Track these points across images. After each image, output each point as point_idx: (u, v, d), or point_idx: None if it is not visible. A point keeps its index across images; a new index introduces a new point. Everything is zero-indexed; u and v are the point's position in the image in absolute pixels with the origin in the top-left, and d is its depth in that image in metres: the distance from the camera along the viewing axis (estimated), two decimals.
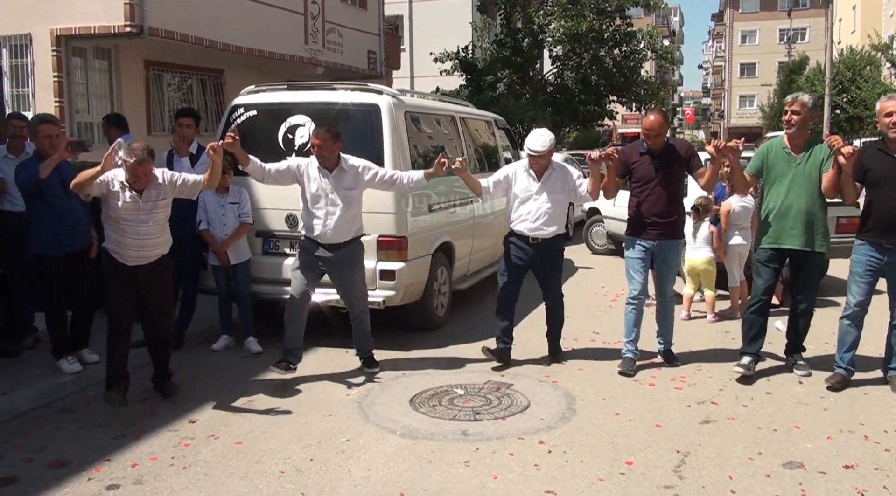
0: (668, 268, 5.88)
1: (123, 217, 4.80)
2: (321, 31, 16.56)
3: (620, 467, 4.07)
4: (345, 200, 5.38)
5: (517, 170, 5.89)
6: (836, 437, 4.51)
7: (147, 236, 4.89)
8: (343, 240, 5.45)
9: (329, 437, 4.47)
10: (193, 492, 3.81)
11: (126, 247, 4.86)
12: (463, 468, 4.06)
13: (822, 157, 5.33)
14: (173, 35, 12.23)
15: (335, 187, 5.37)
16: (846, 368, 5.42)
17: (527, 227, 5.77)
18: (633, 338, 5.81)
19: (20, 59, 12.41)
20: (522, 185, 5.80)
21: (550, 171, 5.79)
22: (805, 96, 5.46)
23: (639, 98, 24.12)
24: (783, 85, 42.46)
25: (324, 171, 5.39)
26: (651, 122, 5.57)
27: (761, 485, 3.88)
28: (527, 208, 5.77)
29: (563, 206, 5.90)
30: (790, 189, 5.36)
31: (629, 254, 5.83)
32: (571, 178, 5.86)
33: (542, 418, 4.78)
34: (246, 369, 5.73)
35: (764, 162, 5.51)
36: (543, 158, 5.72)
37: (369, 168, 5.51)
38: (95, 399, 5.18)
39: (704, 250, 7.50)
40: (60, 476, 4.01)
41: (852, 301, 5.33)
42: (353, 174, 5.44)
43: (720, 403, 5.08)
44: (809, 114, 5.40)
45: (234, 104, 6.73)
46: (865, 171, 5.21)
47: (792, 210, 5.35)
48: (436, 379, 5.57)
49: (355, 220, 5.51)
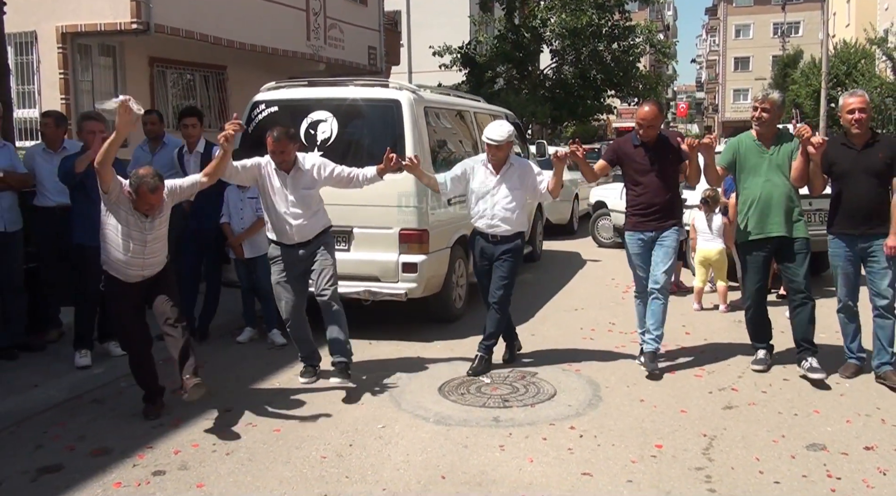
0: (663, 251, 5.68)
1: (129, 238, 4.62)
2: (323, 27, 16.63)
3: (651, 450, 4.20)
4: (303, 201, 5.25)
5: (475, 165, 5.73)
6: (855, 421, 4.64)
7: (152, 255, 4.73)
8: (308, 237, 5.34)
9: (364, 424, 4.59)
10: (240, 477, 3.92)
11: (131, 267, 4.68)
12: (499, 452, 4.18)
13: (792, 147, 5.45)
14: (179, 32, 12.28)
15: (294, 188, 5.23)
16: (857, 356, 5.54)
17: (485, 223, 5.65)
18: (647, 328, 5.89)
19: (26, 56, 12.43)
20: (480, 179, 5.65)
21: (508, 166, 5.62)
22: (775, 94, 5.55)
23: (637, 92, 24.27)
24: (777, 78, 42.72)
25: (281, 173, 5.24)
26: (646, 113, 5.57)
27: (787, 466, 4.01)
28: (485, 204, 5.63)
29: (521, 202, 5.66)
30: (766, 179, 5.46)
31: (630, 250, 5.79)
32: (531, 174, 5.70)
33: (570, 405, 4.90)
34: (273, 360, 5.83)
35: (736, 155, 5.59)
36: (501, 150, 5.55)
37: (326, 165, 5.34)
38: (127, 390, 5.28)
39: (717, 241, 7.63)
40: (104, 463, 4.12)
41: (841, 293, 5.46)
42: (310, 175, 5.29)
43: (740, 390, 5.21)
44: (778, 111, 5.52)
45: (255, 100, 6.82)
46: (830, 165, 5.35)
47: (773, 198, 5.44)
48: (460, 368, 5.68)
49: (319, 217, 5.39)
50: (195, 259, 6.50)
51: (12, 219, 5.89)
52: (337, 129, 6.50)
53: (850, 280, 5.42)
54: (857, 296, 5.48)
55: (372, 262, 6.37)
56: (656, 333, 5.66)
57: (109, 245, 4.66)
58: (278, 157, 5.16)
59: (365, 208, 6.26)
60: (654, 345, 5.65)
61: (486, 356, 5.68)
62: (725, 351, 6.09)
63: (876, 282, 5.32)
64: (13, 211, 5.90)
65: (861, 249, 5.34)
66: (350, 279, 6.33)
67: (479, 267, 5.81)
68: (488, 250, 5.68)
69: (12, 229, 5.91)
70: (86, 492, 3.78)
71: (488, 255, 5.69)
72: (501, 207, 5.59)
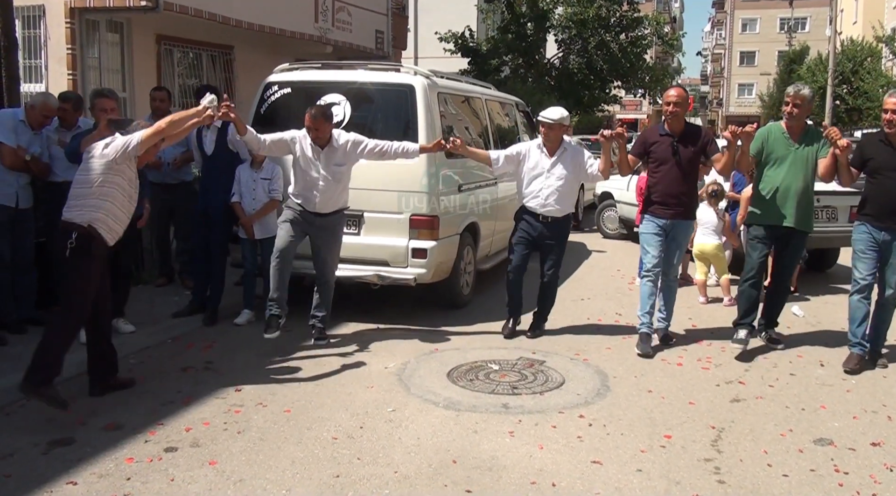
0: (676, 246, 6.03)
1: (130, 191, 4.70)
2: (331, 9, 16.56)
3: (660, 440, 4.23)
4: (334, 176, 5.63)
5: (531, 147, 6.13)
6: (861, 417, 4.68)
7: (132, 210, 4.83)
8: (329, 210, 5.71)
9: (375, 407, 4.61)
10: (251, 456, 3.94)
11: (120, 222, 4.70)
12: (509, 438, 4.21)
13: (818, 144, 5.67)
14: (187, 10, 12.19)
15: (326, 163, 5.60)
16: (860, 343, 5.64)
17: (538, 203, 6.01)
18: (647, 311, 5.95)
19: (33, 30, 12.35)
20: (534, 161, 6.04)
21: (563, 150, 6.03)
22: (806, 90, 5.70)
23: (643, 84, 24.20)
24: (783, 74, 42.55)
25: (315, 148, 5.61)
26: (673, 92, 5.87)
27: (795, 460, 4.04)
28: (538, 185, 6.00)
29: (573, 186, 6.10)
30: (789, 171, 5.66)
31: (643, 229, 6.02)
32: (582, 158, 6.09)
33: (579, 393, 4.93)
34: (282, 342, 5.84)
35: (764, 144, 5.75)
36: (554, 131, 5.95)
37: (359, 142, 5.68)
38: (136, 367, 5.31)
39: (714, 236, 7.64)
40: (116, 438, 4.14)
41: (859, 276, 5.59)
42: (342, 150, 5.64)
43: (747, 383, 5.24)
44: (808, 106, 5.71)
45: (267, 81, 6.80)
46: (867, 160, 5.55)
47: (790, 190, 5.66)
48: (468, 354, 5.71)
49: (343, 194, 5.78)
50: (204, 239, 6.50)
51: (25, 196, 5.94)
52: (350, 112, 6.49)
53: (872, 264, 5.55)
54: (874, 282, 5.60)
55: (382, 247, 6.37)
56: (662, 315, 6.12)
57: (114, 204, 4.60)
58: (313, 134, 5.54)
59: (376, 193, 6.27)
60: (664, 325, 6.12)
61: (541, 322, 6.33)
62: (732, 344, 6.09)
63: (887, 276, 5.51)
64: (27, 189, 5.94)
65: (882, 241, 5.49)
66: (360, 263, 6.36)
67: (520, 235, 6.13)
68: (537, 227, 6.06)
69: (24, 206, 5.95)
70: (98, 467, 3.80)
71: (536, 231, 6.07)
72: (554, 189, 5.97)
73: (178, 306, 6.69)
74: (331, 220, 5.75)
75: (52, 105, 6.01)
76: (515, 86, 21.31)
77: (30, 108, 5.96)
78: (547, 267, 6.21)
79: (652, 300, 5.97)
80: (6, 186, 5.83)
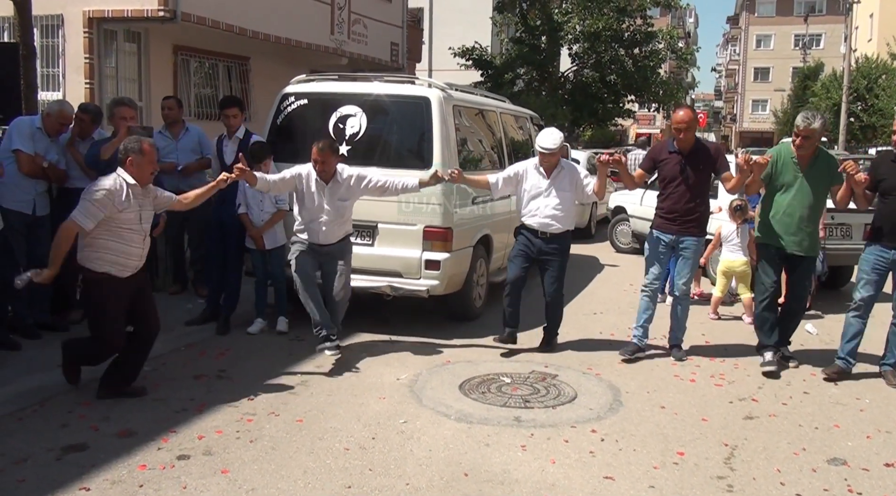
0: (683, 263, 6.03)
1: (130, 227, 4.65)
2: (347, 21, 16.67)
3: (673, 457, 4.21)
4: (338, 210, 5.66)
5: (528, 168, 6.14)
6: (875, 437, 4.64)
7: (148, 242, 4.85)
8: (333, 241, 5.74)
9: (387, 419, 4.61)
10: (264, 465, 3.94)
11: (132, 257, 4.69)
12: (521, 452, 4.20)
13: (830, 169, 5.67)
14: (205, 21, 12.32)
15: (331, 198, 5.63)
16: (845, 358, 5.72)
17: (536, 221, 6.03)
18: (641, 325, 6.03)
19: (51, 39, 12.50)
20: (532, 181, 6.07)
21: (559, 169, 6.06)
22: (816, 123, 5.62)
23: (657, 98, 24.22)
24: (797, 90, 42.49)
25: (320, 183, 5.62)
26: (681, 117, 5.87)
27: (808, 479, 4.01)
28: (536, 204, 6.04)
29: (571, 203, 6.10)
30: (795, 197, 5.67)
31: (649, 244, 6.11)
32: (579, 176, 6.11)
33: (591, 408, 4.92)
34: (295, 351, 5.86)
35: (773, 167, 5.74)
36: (554, 156, 5.99)
37: (362, 177, 5.71)
38: (149, 374, 5.32)
39: (740, 253, 7.60)
40: (129, 445, 4.15)
41: (858, 297, 5.65)
42: (346, 185, 5.66)
43: (760, 400, 5.21)
44: (818, 137, 5.69)
45: (284, 92, 6.84)
46: (880, 180, 5.56)
47: (795, 217, 5.67)
48: (480, 367, 5.70)
49: (345, 225, 5.82)
50: (219, 248, 6.54)
51: (42, 203, 6.01)
52: (366, 124, 6.52)
53: (875, 287, 5.61)
54: (873, 304, 5.68)
55: (395, 258, 6.39)
56: (677, 334, 6.17)
57: (119, 243, 4.60)
58: (319, 167, 5.55)
59: (391, 204, 6.29)
60: (675, 342, 6.18)
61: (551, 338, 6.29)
62: (745, 361, 6.08)
63: None
64: (44, 196, 6.02)
65: (893, 262, 5.50)
66: (373, 274, 6.38)
67: (519, 249, 6.12)
68: (536, 243, 6.07)
69: (41, 213, 6.02)
70: (111, 473, 3.82)
71: (535, 246, 6.07)
72: (552, 207, 6.01)
73: (191, 314, 6.73)
74: (337, 247, 5.79)
75: (67, 112, 6.08)
76: (529, 99, 21.38)
77: (46, 116, 6.03)
78: (549, 283, 6.16)
79: (647, 315, 6.05)
80: (23, 193, 5.90)
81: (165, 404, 4.77)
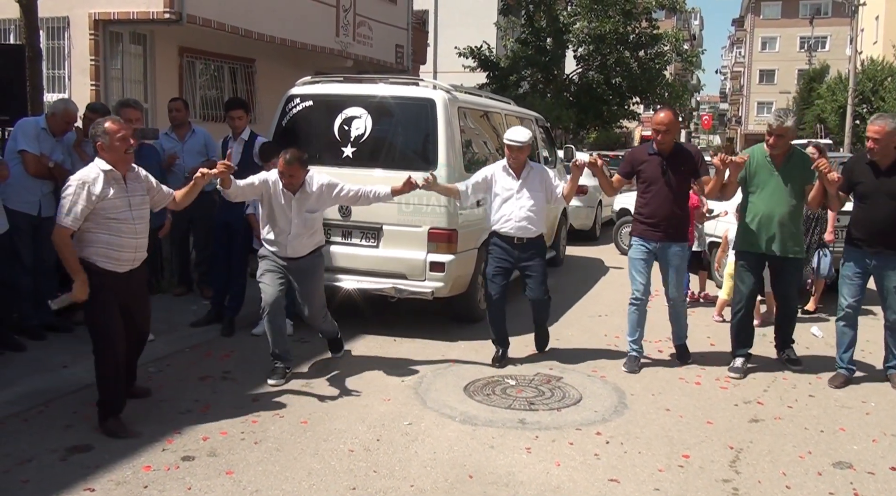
0: (672, 270, 5.88)
1: (116, 216, 4.41)
2: (352, 23, 16.70)
3: (678, 460, 4.20)
4: (305, 223, 5.30)
5: (495, 170, 5.86)
6: (881, 440, 4.62)
7: (143, 234, 4.57)
8: (302, 254, 5.37)
9: (391, 420, 4.61)
10: (268, 466, 3.95)
11: (124, 248, 4.45)
12: (525, 454, 4.19)
13: (804, 168, 5.56)
14: (210, 23, 12.35)
15: (298, 210, 5.26)
16: (846, 368, 5.67)
17: (511, 226, 5.78)
18: (636, 338, 5.93)
19: (57, 41, 12.54)
20: (502, 183, 5.80)
21: (529, 169, 5.84)
22: (789, 121, 5.57)
23: (662, 100, 24.21)
24: (803, 93, 42.41)
25: (287, 194, 5.24)
26: (661, 118, 5.71)
27: (814, 483, 3.99)
28: (509, 207, 5.77)
29: (543, 205, 5.86)
30: (771, 197, 5.59)
31: (632, 255, 5.94)
32: (549, 177, 5.91)
33: (596, 411, 4.91)
34: (299, 353, 5.86)
35: (747, 169, 5.67)
36: (522, 152, 5.76)
37: (333, 185, 5.37)
38: (155, 375, 5.33)
39: None
40: (134, 446, 4.16)
41: (843, 303, 5.60)
42: (316, 196, 5.31)
43: (766, 403, 5.19)
44: (791, 135, 5.62)
45: (290, 94, 6.85)
46: (855, 183, 5.49)
47: (774, 218, 5.59)
48: (484, 369, 5.70)
49: (315, 236, 5.44)
50: (224, 249, 6.55)
51: (48, 204, 6.00)
52: (371, 125, 6.53)
53: (858, 290, 5.57)
54: (860, 308, 5.66)
55: (400, 260, 6.39)
56: (680, 333, 6.09)
57: (110, 235, 4.40)
58: (286, 179, 5.17)
59: (395, 206, 6.28)
60: (679, 343, 6.12)
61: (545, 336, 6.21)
62: (751, 364, 6.05)
63: (889, 300, 5.47)
64: (49, 197, 6.02)
65: (874, 267, 5.47)
66: (377, 275, 6.39)
67: (496, 265, 5.88)
68: (512, 253, 5.82)
69: (47, 214, 6.01)
70: (116, 474, 3.82)
71: (512, 257, 5.83)
72: (526, 210, 5.78)
73: (196, 315, 6.74)
74: (305, 261, 5.38)
75: (72, 111, 6.08)
76: (534, 101, 21.39)
77: (51, 116, 6.03)
78: (535, 287, 5.88)
79: (640, 328, 5.94)
80: (29, 194, 5.91)
81: (170, 405, 4.78)
